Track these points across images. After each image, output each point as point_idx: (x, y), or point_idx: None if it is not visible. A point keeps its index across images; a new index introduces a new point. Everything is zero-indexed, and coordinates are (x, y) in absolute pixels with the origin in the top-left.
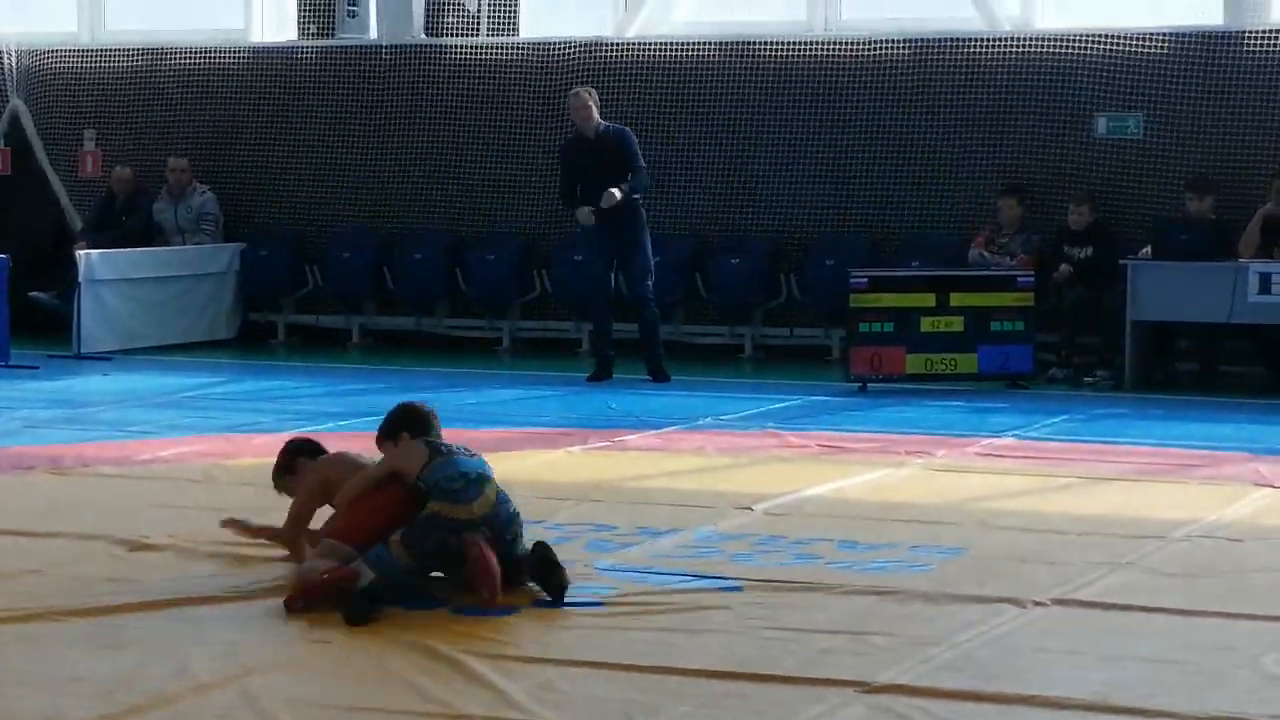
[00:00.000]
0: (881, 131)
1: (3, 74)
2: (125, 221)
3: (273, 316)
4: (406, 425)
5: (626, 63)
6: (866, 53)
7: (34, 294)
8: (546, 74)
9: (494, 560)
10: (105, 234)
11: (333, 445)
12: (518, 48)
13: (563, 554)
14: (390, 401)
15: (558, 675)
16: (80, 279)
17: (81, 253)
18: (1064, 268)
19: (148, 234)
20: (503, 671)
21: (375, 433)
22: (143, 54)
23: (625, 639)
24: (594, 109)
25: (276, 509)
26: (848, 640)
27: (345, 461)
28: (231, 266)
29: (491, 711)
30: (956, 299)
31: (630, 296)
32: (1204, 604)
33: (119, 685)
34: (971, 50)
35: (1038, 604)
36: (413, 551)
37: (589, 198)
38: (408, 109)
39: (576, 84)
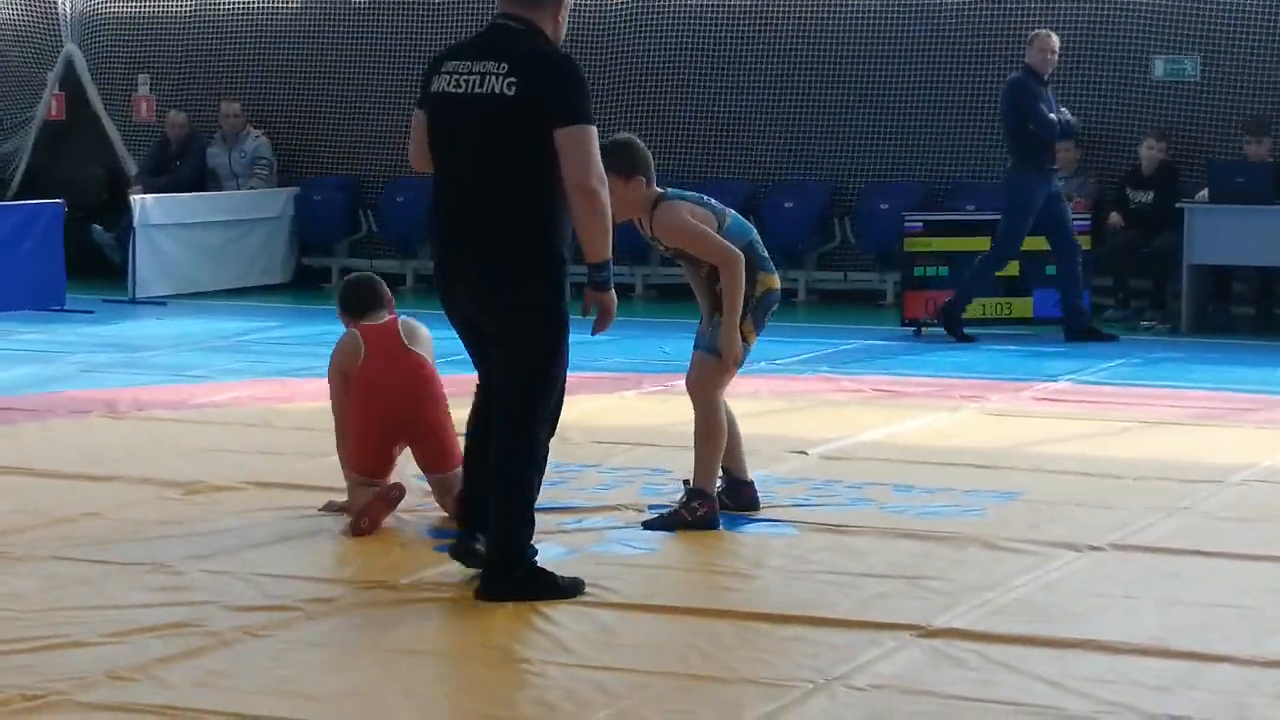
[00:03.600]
0: (936, 75)
1: (57, 19)
2: (179, 166)
3: (326, 261)
4: (646, 168)
5: (677, 8)
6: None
7: (95, 226)
8: (597, 21)
9: None
10: (159, 179)
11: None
12: None
13: (618, 498)
14: (443, 345)
15: (614, 619)
16: (135, 224)
17: (136, 197)
18: (1114, 216)
19: (202, 179)
20: (560, 615)
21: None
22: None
23: (682, 582)
24: None
25: (331, 452)
26: (904, 584)
27: (355, 347)
28: (285, 211)
29: (549, 655)
30: None
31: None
32: (1260, 548)
33: (176, 628)
34: None
35: (1094, 548)
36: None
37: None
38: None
39: (630, 30)
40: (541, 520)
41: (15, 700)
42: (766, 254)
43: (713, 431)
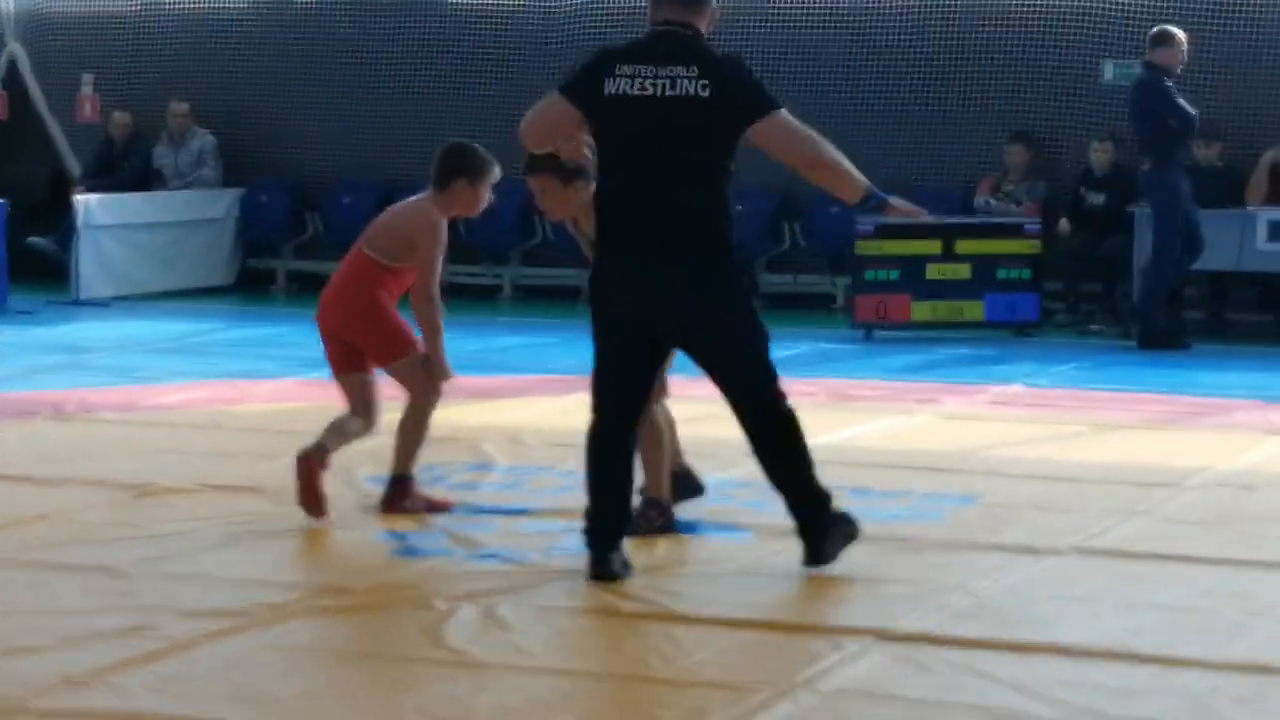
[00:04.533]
0: (887, 79)
1: (0, 17)
2: (124, 166)
3: (272, 263)
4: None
5: (627, 11)
6: (874, 2)
7: (32, 239)
8: (548, 23)
9: None
10: (104, 179)
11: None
12: None
13: (574, 501)
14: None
15: (573, 623)
16: (78, 224)
17: (80, 198)
18: (1063, 223)
19: (146, 179)
20: (518, 619)
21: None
22: None
23: (641, 586)
24: None
25: (285, 455)
26: (864, 588)
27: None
28: (231, 212)
29: (508, 660)
30: (963, 246)
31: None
32: (1219, 551)
33: (131, 632)
34: None
35: (1054, 551)
36: None
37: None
38: (410, 55)
39: (575, 35)
40: (498, 524)
41: None
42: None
43: (658, 438)
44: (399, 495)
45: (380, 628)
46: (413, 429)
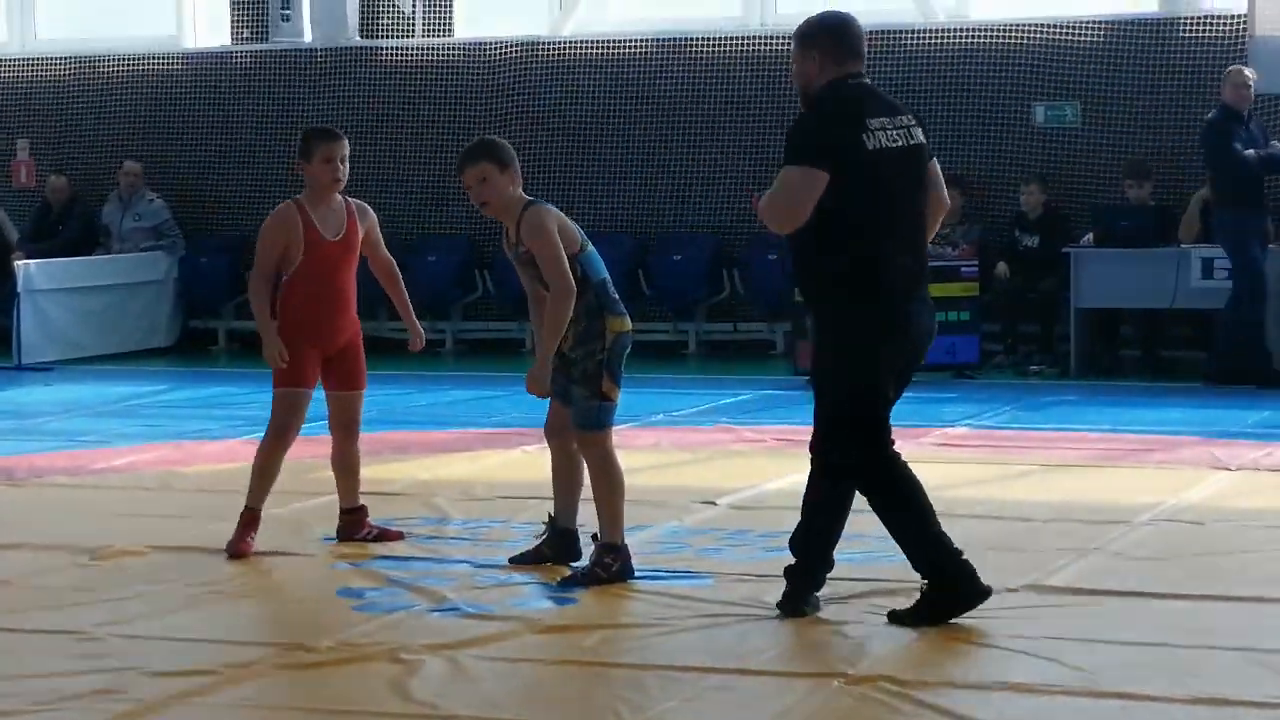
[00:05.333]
0: None
1: None
2: (62, 231)
3: (213, 323)
4: (515, 163)
5: (563, 61)
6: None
7: None
8: (483, 74)
9: None
10: (42, 244)
11: (293, 451)
12: (453, 48)
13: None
14: None
15: (539, 674)
16: (19, 289)
17: (20, 263)
18: (1001, 266)
19: (84, 243)
20: (485, 670)
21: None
22: (75, 62)
23: (605, 636)
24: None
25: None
26: (826, 631)
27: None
28: (170, 274)
29: (478, 712)
30: None
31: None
32: (1175, 587)
33: (100, 695)
34: (908, 43)
35: (1010, 591)
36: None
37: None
38: (344, 112)
39: (512, 83)
40: (458, 577)
41: None
42: (617, 296)
43: (608, 487)
44: (351, 526)
45: (348, 683)
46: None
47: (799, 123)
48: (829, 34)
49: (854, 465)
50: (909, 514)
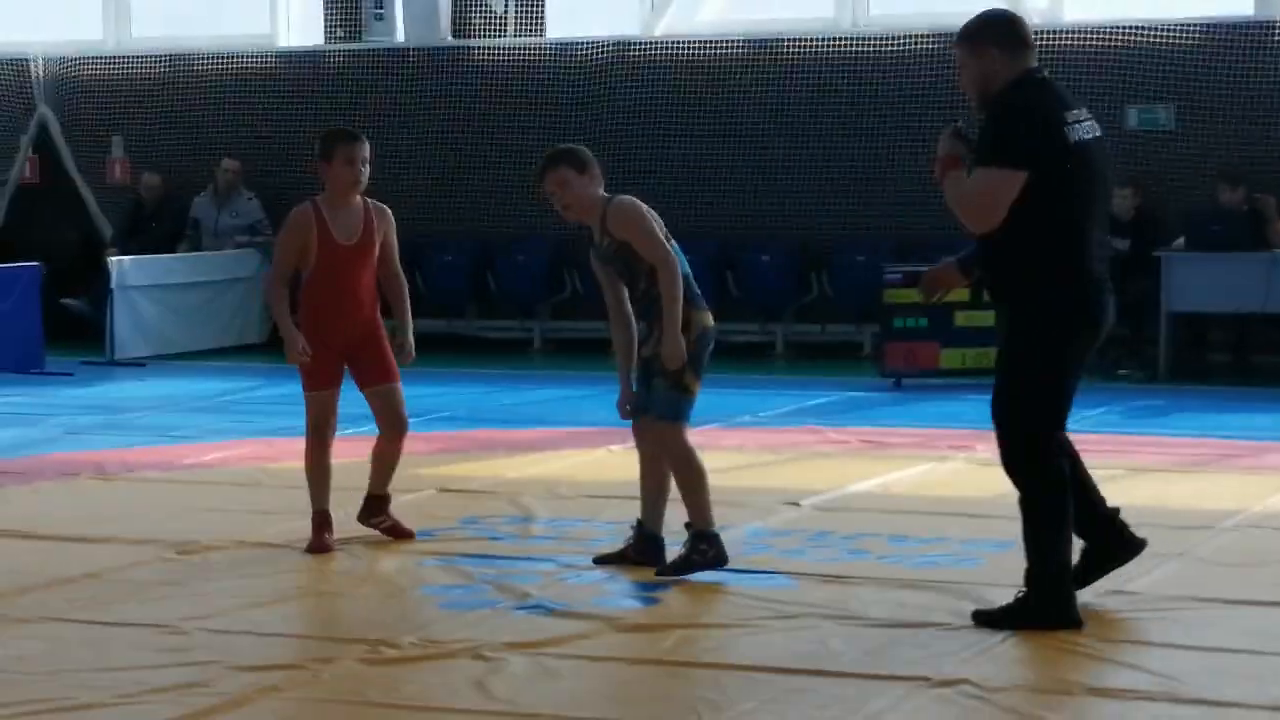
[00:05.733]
0: (910, 126)
1: (30, 82)
2: (154, 227)
3: None
4: (596, 167)
5: (654, 62)
6: (895, 48)
7: (66, 300)
8: (573, 74)
9: None
10: (135, 240)
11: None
12: (544, 48)
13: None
14: (425, 403)
15: (622, 673)
16: (112, 285)
17: (113, 259)
18: None
19: (177, 240)
20: (568, 670)
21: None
22: (169, 60)
23: (687, 636)
24: None
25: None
26: (908, 633)
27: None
28: (262, 270)
29: (560, 710)
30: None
31: None
32: (1259, 593)
33: (186, 688)
34: None
35: (1093, 595)
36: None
37: None
38: (435, 111)
39: (602, 84)
40: (542, 575)
41: None
42: (699, 292)
43: (693, 476)
44: (372, 510)
45: (429, 680)
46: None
47: (997, 121)
48: (1002, 30)
49: (1053, 472)
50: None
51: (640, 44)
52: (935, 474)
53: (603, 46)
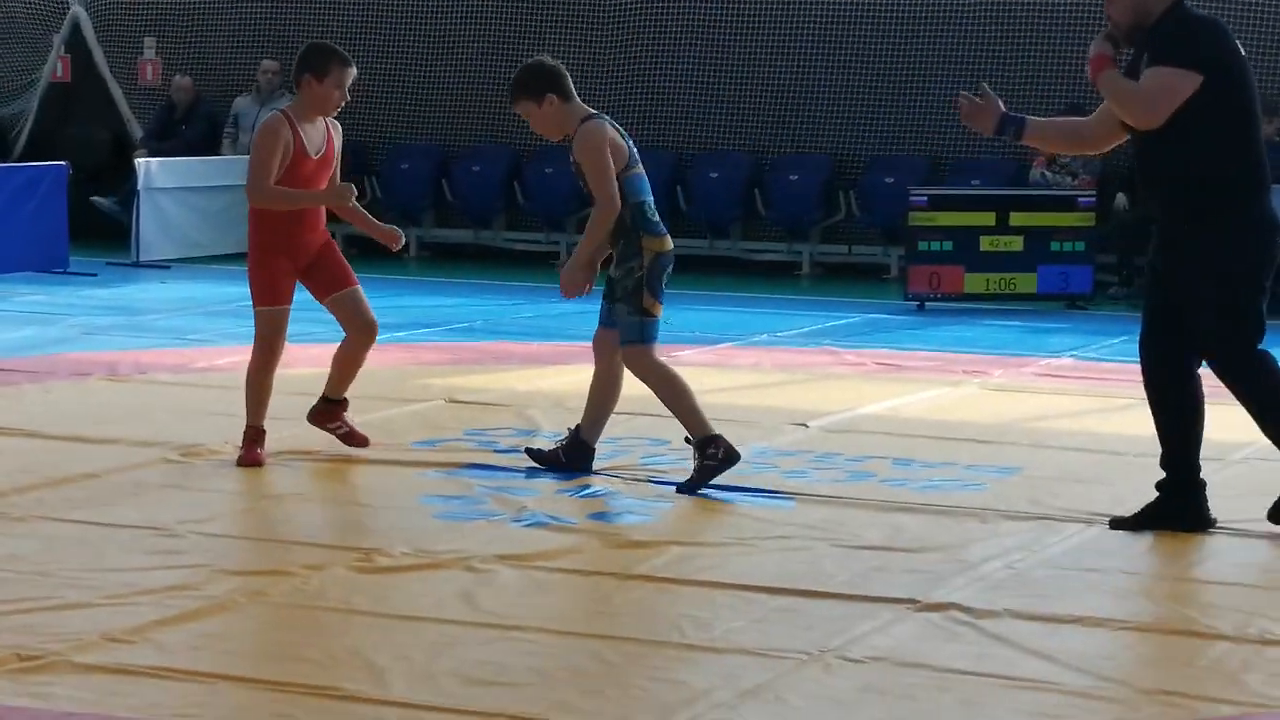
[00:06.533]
0: (942, 49)
1: None
2: (184, 130)
3: (330, 227)
4: (555, 84)
5: None
6: None
7: (95, 199)
8: None
9: None
10: (164, 143)
11: (394, 357)
12: None
13: (618, 467)
14: (443, 313)
15: (612, 588)
16: (139, 187)
17: (140, 160)
18: (1120, 198)
19: (206, 144)
20: (556, 584)
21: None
22: None
23: (680, 553)
24: None
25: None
26: (901, 557)
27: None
28: None
29: (545, 623)
30: (1016, 218)
31: None
32: (1260, 525)
33: (173, 591)
34: None
35: (1094, 524)
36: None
37: None
38: (468, 19)
39: (637, 1)
40: (541, 489)
41: (11, 660)
42: (657, 218)
43: (674, 390)
44: (325, 415)
45: (418, 590)
46: (345, 361)
47: (1173, 33)
48: None
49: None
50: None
51: None
52: (947, 398)
53: None
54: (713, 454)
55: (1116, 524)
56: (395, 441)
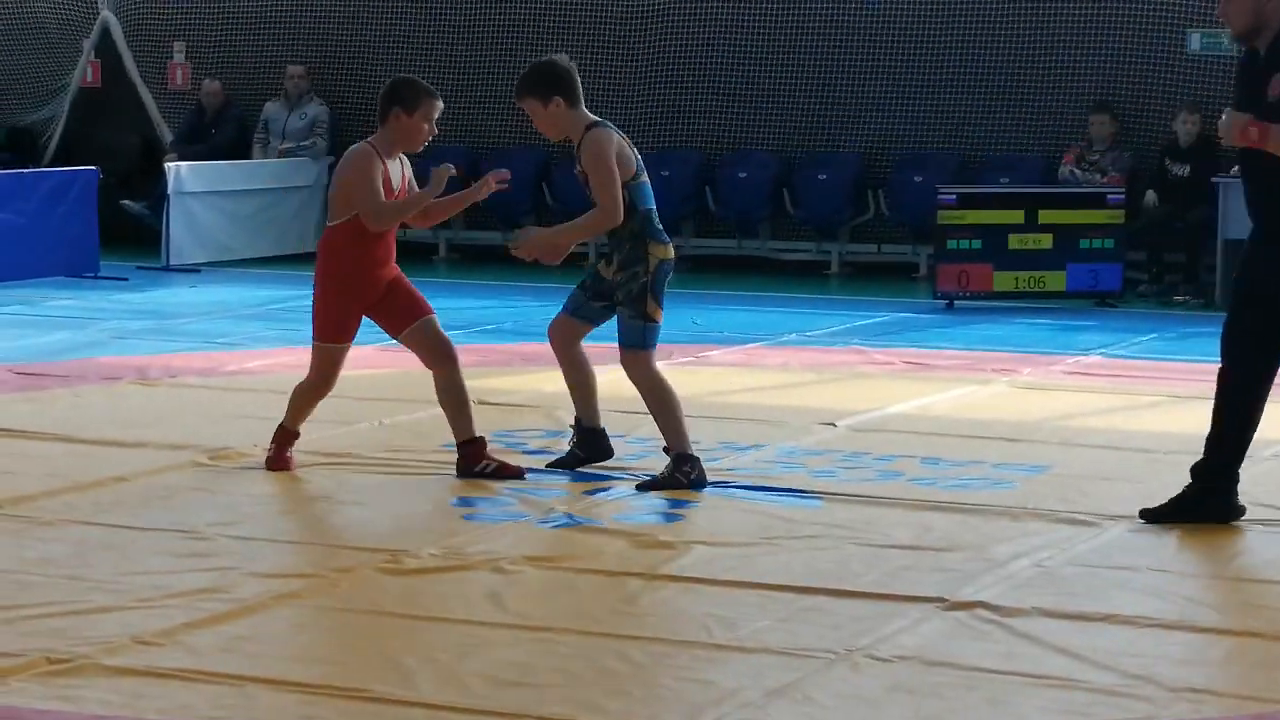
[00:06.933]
0: (972, 47)
1: None
2: (214, 134)
3: None
4: (564, 88)
5: None
6: None
7: (125, 202)
8: None
9: None
10: (194, 146)
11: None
12: None
13: (644, 468)
14: (471, 315)
15: (639, 587)
16: (169, 191)
17: (171, 165)
18: (1150, 195)
19: (237, 148)
20: (584, 584)
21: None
22: None
23: (707, 553)
24: None
25: (361, 420)
26: (929, 556)
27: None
28: (320, 180)
29: (572, 624)
30: (1045, 216)
31: None
32: None
33: (203, 593)
34: None
35: (1121, 522)
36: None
37: None
38: (495, 20)
39: (665, 1)
40: (568, 490)
41: (41, 664)
42: (661, 226)
43: (664, 400)
44: (470, 458)
45: (447, 591)
46: (448, 398)
47: None
48: None
49: None
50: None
51: None
52: (976, 397)
53: None
54: (686, 471)
55: (1147, 515)
56: (423, 444)
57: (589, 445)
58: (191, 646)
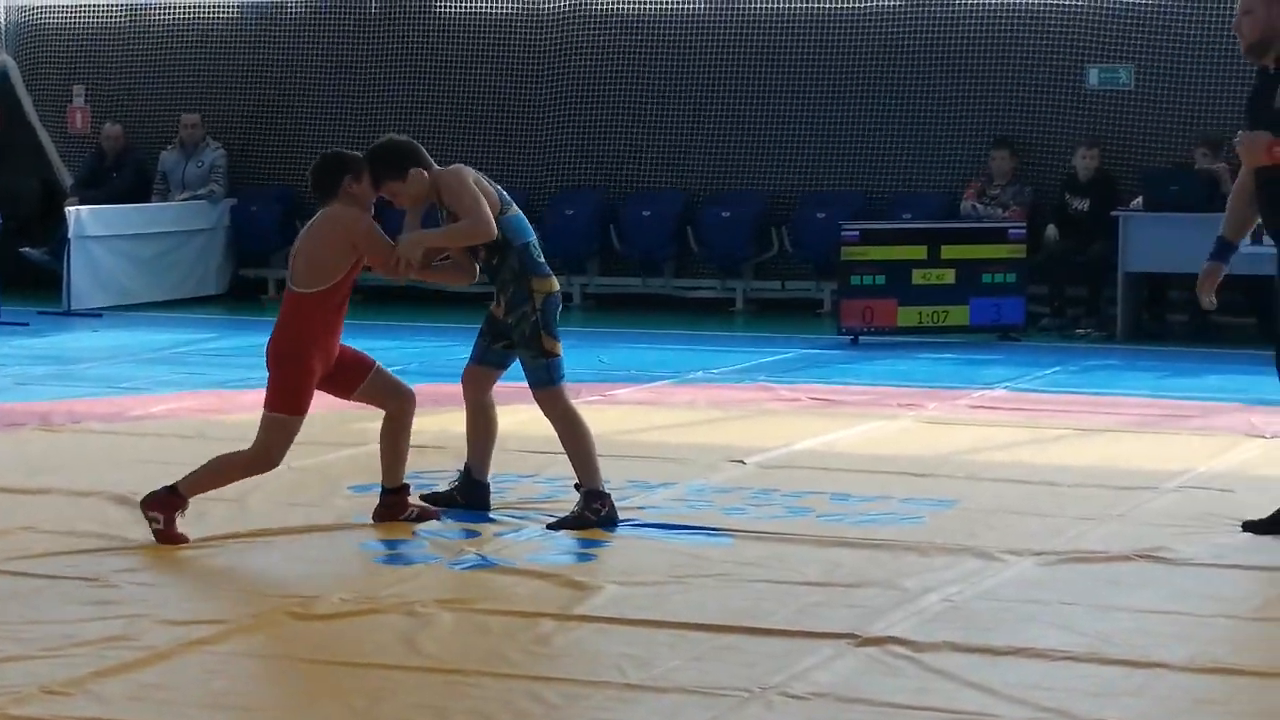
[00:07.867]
0: (872, 84)
1: None
2: (115, 178)
3: (263, 272)
4: (418, 155)
5: (617, 19)
6: (857, 6)
7: (24, 250)
8: (536, 30)
9: None
10: (95, 190)
11: (329, 401)
12: (509, 5)
13: (554, 508)
14: (381, 356)
15: (551, 629)
16: (70, 235)
17: (71, 209)
18: (1051, 229)
19: (137, 191)
20: (496, 625)
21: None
22: (132, 9)
23: (619, 592)
24: None
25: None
26: (840, 593)
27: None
28: (221, 222)
29: (485, 666)
30: (948, 251)
31: None
32: (1196, 555)
33: (111, 641)
34: (962, 2)
35: (1029, 555)
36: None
37: None
38: (398, 61)
39: (567, 41)
40: (479, 531)
41: None
42: (543, 259)
43: (578, 436)
44: (395, 508)
45: (360, 635)
46: (394, 440)
47: None
48: None
49: None
50: None
51: (599, 1)
52: (883, 432)
53: (563, 5)
54: (596, 509)
55: (1250, 527)
56: (332, 487)
57: (469, 494)
58: (100, 695)
